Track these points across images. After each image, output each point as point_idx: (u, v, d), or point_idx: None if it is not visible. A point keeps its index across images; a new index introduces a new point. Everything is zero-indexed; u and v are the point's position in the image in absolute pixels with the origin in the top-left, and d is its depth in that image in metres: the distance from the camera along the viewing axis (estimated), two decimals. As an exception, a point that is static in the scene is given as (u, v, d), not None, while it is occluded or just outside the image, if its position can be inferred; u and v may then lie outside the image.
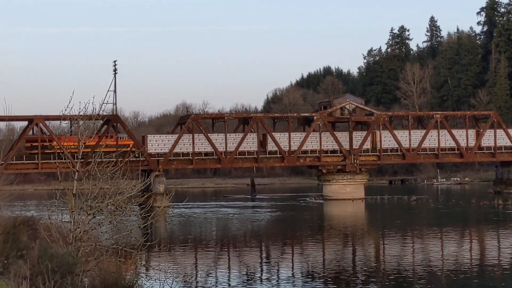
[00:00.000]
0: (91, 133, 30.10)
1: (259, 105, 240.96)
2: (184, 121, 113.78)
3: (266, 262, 49.65)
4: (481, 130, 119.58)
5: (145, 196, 33.04)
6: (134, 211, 28.94)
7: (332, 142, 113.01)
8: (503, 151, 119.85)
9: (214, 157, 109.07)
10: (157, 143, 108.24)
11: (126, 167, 29.84)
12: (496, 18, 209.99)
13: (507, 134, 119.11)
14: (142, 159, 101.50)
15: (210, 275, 43.42)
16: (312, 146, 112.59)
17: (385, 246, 58.07)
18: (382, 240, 61.78)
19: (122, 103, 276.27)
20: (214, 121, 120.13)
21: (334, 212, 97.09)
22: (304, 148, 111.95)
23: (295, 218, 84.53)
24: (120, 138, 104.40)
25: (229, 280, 41.89)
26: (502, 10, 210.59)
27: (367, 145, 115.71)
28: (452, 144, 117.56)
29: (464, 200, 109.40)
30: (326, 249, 55.83)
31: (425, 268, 44.95)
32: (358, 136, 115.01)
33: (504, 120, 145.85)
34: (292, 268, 46.69)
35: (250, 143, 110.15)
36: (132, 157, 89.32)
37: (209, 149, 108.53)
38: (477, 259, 49.05)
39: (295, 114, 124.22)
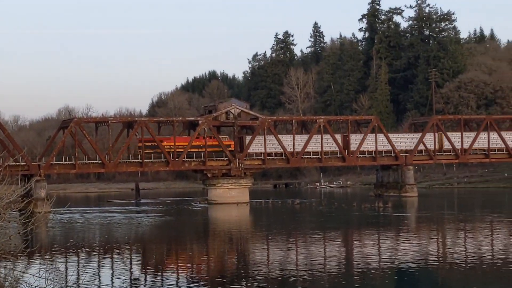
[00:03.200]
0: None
1: (144, 109, 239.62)
2: (66, 125, 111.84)
3: (149, 267, 49.16)
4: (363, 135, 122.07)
5: (25, 202, 32.17)
6: (13, 217, 28.11)
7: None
8: (383, 155, 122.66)
9: (98, 161, 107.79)
10: (254, 144, 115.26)
11: (5, 172, 28.99)
12: (377, 25, 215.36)
13: (388, 138, 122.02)
14: (22, 163, 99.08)
15: (92, 280, 42.66)
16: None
17: (270, 249, 58.41)
18: (267, 244, 62.14)
19: (1, 106, 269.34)
20: (97, 125, 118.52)
21: (219, 216, 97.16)
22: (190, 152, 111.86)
23: (180, 222, 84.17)
24: (224, 139, 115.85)
25: (112, 285, 41.27)
26: (383, 17, 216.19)
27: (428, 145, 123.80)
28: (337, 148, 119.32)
29: (346, 203, 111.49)
30: (210, 254, 55.73)
31: (308, 271, 45.44)
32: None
33: (385, 124, 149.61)
34: (177, 272, 46.40)
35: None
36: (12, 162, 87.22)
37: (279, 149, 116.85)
38: (357, 261, 49.94)
39: (180, 118, 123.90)
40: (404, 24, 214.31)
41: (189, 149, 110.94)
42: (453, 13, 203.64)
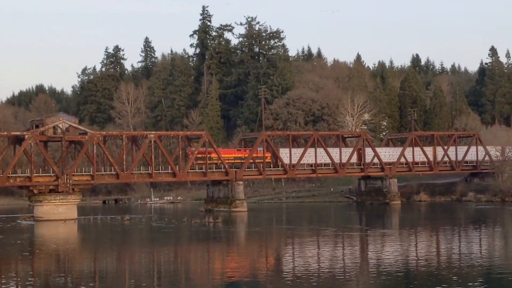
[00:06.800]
0: None
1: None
2: None
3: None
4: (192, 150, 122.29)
5: None
6: None
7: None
8: (214, 170, 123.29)
9: None
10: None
11: None
12: (208, 41, 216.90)
13: (218, 153, 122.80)
14: None
15: None
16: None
17: (97, 267, 57.21)
18: (94, 262, 60.85)
19: None
20: None
21: (46, 233, 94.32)
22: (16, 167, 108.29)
23: (3, 241, 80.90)
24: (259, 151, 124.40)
25: None
26: (214, 33, 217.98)
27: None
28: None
29: (176, 218, 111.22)
30: (36, 274, 53.83)
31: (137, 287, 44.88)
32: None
33: (215, 140, 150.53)
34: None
35: None
36: None
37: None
38: (188, 276, 49.75)
39: (5, 133, 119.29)
40: (234, 41, 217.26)
41: (222, 161, 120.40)
42: (282, 31, 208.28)
